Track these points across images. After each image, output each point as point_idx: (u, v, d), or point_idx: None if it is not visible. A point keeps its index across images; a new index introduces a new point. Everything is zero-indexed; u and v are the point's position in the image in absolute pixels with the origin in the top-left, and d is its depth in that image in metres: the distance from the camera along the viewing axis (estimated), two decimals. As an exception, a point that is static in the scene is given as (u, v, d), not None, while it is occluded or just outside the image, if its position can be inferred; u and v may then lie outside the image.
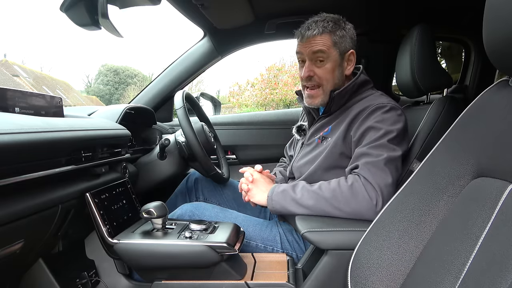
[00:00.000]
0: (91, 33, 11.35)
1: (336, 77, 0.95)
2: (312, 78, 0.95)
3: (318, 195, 0.83)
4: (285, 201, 0.86)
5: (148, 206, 0.83)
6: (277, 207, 0.87)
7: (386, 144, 0.83)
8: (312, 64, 0.94)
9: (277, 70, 12.70)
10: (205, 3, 1.19)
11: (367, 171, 0.80)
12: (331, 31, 0.92)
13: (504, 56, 0.46)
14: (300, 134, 1.10)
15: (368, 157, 0.82)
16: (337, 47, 0.93)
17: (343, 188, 0.81)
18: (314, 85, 0.96)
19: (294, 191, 0.86)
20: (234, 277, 0.82)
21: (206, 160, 1.11)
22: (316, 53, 0.93)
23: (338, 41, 0.93)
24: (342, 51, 0.94)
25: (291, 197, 0.85)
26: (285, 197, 0.86)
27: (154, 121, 1.43)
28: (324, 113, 1.01)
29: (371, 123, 0.87)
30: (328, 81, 0.95)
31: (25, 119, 0.67)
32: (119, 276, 0.89)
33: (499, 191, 0.43)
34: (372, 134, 0.85)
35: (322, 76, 0.94)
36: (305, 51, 0.94)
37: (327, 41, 0.92)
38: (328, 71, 0.94)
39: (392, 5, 1.35)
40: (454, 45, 1.92)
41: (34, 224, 0.67)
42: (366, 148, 0.84)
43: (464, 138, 0.54)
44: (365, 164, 0.82)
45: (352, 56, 0.97)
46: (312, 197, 0.83)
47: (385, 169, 0.80)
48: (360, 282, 0.56)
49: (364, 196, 0.78)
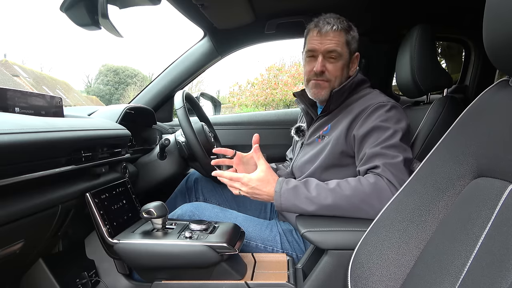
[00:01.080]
0: (91, 33, 11.37)
1: (343, 75, 0.98)
2: (323, 73, 0.96)
3: (337, 193, 0.78)
4: (297, 199, 0.80)
5: (148, 206, 0.83)
6: (287, 204, 0.81)
7: (400, 144, 0.83)
8: (325, 60, 0.96)
9: (277, 70, 12.70)
10: (205, 3, 1.19)
11: (389, 172, 0.78)
12: (346, 30, 0.95)
13: (504, 56, 0.46)
14: (299, 135, 1.10)
15: (385, 158, 0.80)
16: (348, 46, 0.96)
17: (366, 186, 0.77)
18: (324, 79, 0.97)
19: (307, 189, 0.81)
20: (234, 277, 0.82)
21: (206, 160, 1.11)
22: (331, 52, 0.94)
23: (350, 41, 0.96)
24: (352, 51, 0.97)
25: (304, 195, 0.80)
26: (297, 195, 0.80)
27: (154, 121, 1.43)
28: (323, 112, 1.01)
29: (376, 122, 0.86)
30: (337, 78, 0.97)
31: (25, 119, 0.67)
32: (119, 276, 0.89)
33: (499, 191, 0.43)
34: (380, 133, 0.84)
35: (332, 72, 0.96)
36: (320, 48, 0.95)
37: (342, 38, 0.95)
38: (338, 68, 0.96)
39: (392, 5, 1.35)
40: (454, 45, 1.92)
41: (34, 224, 0.67)
42: (380, 148, 0.82)
43: (464, 138, 0.54)
44: (385, 165, 0.79)
45: (356, 59, 1.00)
46: (330, 195, 0.78)
47: (404, 171, 0.79)
48: (360, 282, 0.56)
49: (389, 197, 0.71)
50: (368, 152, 0.83)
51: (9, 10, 55.25)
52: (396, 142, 0.82)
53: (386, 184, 0.76)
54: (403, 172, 0.79)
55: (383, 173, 0.78)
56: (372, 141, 0.84)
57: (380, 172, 0.79)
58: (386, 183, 0.76)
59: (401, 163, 0.79)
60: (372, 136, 0.85)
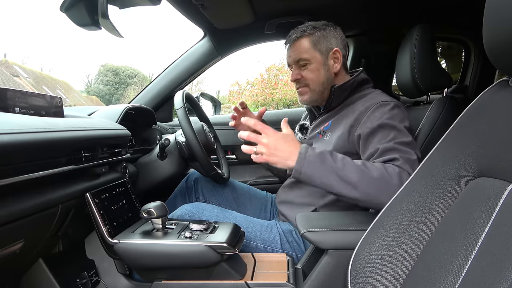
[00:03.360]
0: (91, 33, 11.35)
1: (322, 75, 1.00)
2: (299, 80, 1.03)
3: (363, 172, 0.72)
4: (322, 167, 0.72)
5: (148, 206, 0.83)
6: (309, 172, 0.72)
7: (413, 141, 0.83)
8: (297, 68, 1.02)
9: (277, 70, 12.71)
10: (205, 3, 1.18)
11: (409, 167, 0.75)
12: (309, 33, 0.99)
13: (504, 56, 0.46)
14: (303, 133, 1.13)
15: (403, 153, 0.78)
16: (317, 48, 0.99)
17: (392, 174, 0.72)
18: (302, 86, 1.03)
19: (334, 160, 0.73)
20: (234, 277, 0.82)
21: (206, 160, 1.11)
22: (298, 61, 1.01)
23: (317, 42, 0.99)
24: (325, 50, 1.00)
25: (331, 165, 0.72)
26: (324, 162, 0.72)
27: (154, 121, 1.43)
28: (325, 109, 1.04)
29: (382, 120, 0.85)
30: (314, 80, 1.01)
31: (25, 119, 0.67)
32: (119, 276, 0.89)
33: (499, 191, 0.43)
34: (388, 130, 0.83)
35: (307, 77, 1.01)
36: (289, 59, 1.04)
37: (305, 44, 1.00)
38: (312, 71, 1.00)
39: (392, 5, 1.35)
40: (454, 45, 1.92)
41: (34, 224, 0.67)
42: (393, 143, 0.80)
43: (464, 138, 0.54)
44: (404, 159, 0.76)
45: (337, 54, 1.01)
46: (357, 172, 0.72)
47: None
48: (360, 282, 0.56)
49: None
50: (381, 147, 0.81)
51: (9, 10, 55.28)
52: (408, 140, 0.82)
53: (407, 178, 0.73)
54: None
55: (403, 166, 0.75)
56: (380, 138, 0.83)
57: (400, 164, 0.75)
58: (407, 177, 0.72)
59: (416, 161, 0.78)
60: (380, 133, 0.84)
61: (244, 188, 1.29)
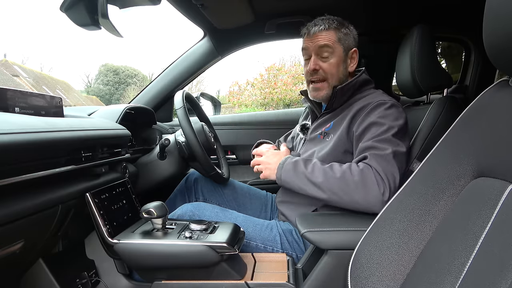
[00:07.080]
0: (91, 33, 11.37)
1: (341, 72, 0.99)
2: (317, 71, 0.98)
3: (327, 174, 0.83)
4: (295, 173, 0.86)
5: (148, 206, 0.83)
6: (285, 178, 0.87)
7: (391, 138, 0.85)
8: (318, 58, 0.98)
9: (277, 70, 12.69)
10: (205, 3, 1.19)
11: (376, 162, 0.81)
12: (336, 28, 0.97)
13: (504, 56, 0.46)
14: (304, 133, 1.13)
15: (375, 150, 0.83)
16: (341, 43, 0.97)
17: (354, 172, 0.81)
18: (319, 78, 0.99)
19: (305, 166, 0.86)
20: (234, 277, 0.82)
21: (206, 160, 1.11)
22: (322, 47, 0.96)
23: (342, 38, 0.97)
24: (347, 47, 0.98)
25: (302, 170, 0.85)
26: (296, 169, 0.86)
27: (154, 121, 1.43)
28: (327, 109, 1.03)
29: (373, 119, 0.88)
30: (333, 75, 0.98)
31: (25, 119, 0.67)
32: (119, 276, 0.89)
33: (499, 191, 0.43)
34: (376, 129, 0.86)
35: (327, 70, 0.98)
36: (311, 46, 0.98)
37: (333, 36, 0.96)
38: (333, 65, 0.97)
39: (392, 5, 1.35)
40: (454, 45, 1.92)
41: (34, 224, 0.66)
42: (372, 141, 0.85)
43: (464, 138, 0.54)
44: (374, 155, 0.82)
45: (355, 54, 1.00)
46: (322, 175, 0.83)
47: (393, 163, 0.81)
48: (360, 282, 0.56)
49: (373, 183, 0.78)
50: (361, 146, 0.87)
51: (9, 10, 55.29)
52: (388, 136, 0.85)
53: (373, 172, 0.80)
54: (391, 163, 0.81)
55: (370, 162, 0.82)
56: (367, 137, 0.87)
57: (368, 161, 0.82)
58: (372, 172, 0.80)
59: (389, 155, 0.82)
60: (369, 131, 0.88)
61: (244, 188, 1.29)
